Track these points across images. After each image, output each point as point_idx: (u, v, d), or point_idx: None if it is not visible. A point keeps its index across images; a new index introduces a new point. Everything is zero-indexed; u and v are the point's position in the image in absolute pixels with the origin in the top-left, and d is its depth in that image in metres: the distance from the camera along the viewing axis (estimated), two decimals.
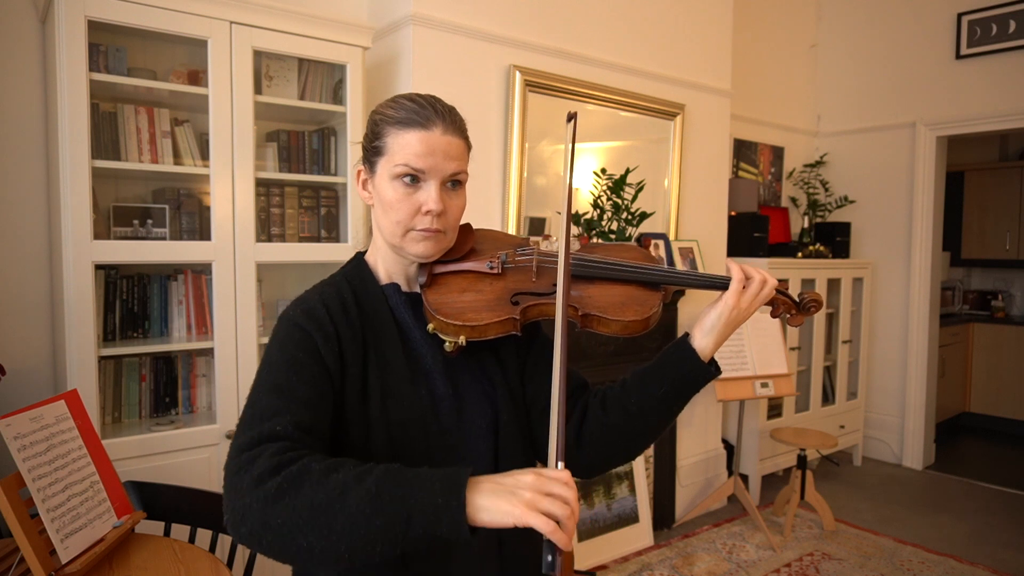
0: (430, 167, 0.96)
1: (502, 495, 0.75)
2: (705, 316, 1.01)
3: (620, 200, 3.04)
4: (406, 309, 1.04)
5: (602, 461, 1.07)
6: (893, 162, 4.55)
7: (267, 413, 0.85)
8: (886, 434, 4.60)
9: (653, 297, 1.03)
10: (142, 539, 1.53)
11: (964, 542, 3.33)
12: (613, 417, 1.03)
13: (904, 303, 4.52)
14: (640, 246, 1.13)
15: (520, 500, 0.74)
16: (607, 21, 3.14)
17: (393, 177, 0.97)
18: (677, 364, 1.01)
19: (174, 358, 2.22)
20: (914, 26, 4.43)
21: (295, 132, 2.42)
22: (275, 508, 0.76)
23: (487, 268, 1.04)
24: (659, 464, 3.38)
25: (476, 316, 0.98)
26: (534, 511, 0.73)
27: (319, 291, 1.01)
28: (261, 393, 0.89)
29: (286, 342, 0.94)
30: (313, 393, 0.89)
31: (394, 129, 0.97)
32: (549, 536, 0.73)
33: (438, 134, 0.97)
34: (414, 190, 0.97)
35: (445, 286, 1.02)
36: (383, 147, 0.98)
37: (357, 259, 1.09)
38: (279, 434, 0.83)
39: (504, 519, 0.74)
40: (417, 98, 1.00)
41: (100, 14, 1.87)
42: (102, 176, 2.12)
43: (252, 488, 0.77)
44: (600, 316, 1.00)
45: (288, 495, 0.76)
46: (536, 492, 0.75)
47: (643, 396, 1.01)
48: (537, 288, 1.03)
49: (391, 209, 0.98)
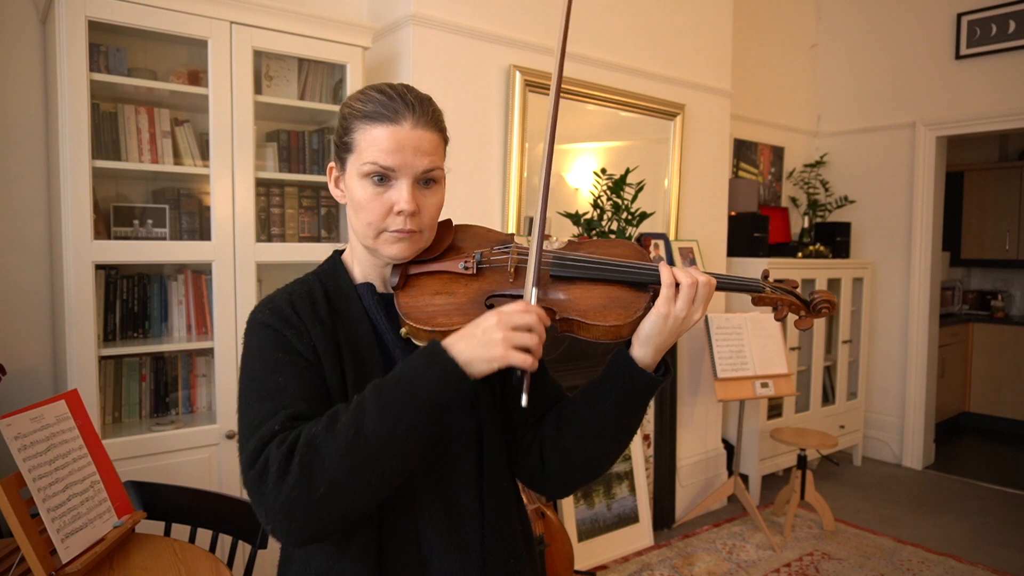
0: (399, 164, 0.90)
1: (479, 347, 0.80)
2: (640, 326, 0.92)
3: (620, 200, 3.04)
4: (379, 311, 0.98)
5: (569, 483, 1.02)
6: (893, 162, 4.55)
7: (259, 420, 0.85)
8: (886, 434, 4.60)
9: (639, 299, 0.94)
10: (142, 539, 1.53)
11: (964, 542, 3.33)
12: (566, 438, 0.98)
13: (904, 303, 4.52)
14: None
15: (496, 344, 0.80)
16: (607, 21, 3.14)
17: (362, 176, 0.92)
18: (618, 377, 0.94)
19: (174, 358, 2.22)
20: (914, 26, 4.43)
21: (295, 132, 2.42)
22: (312, 483, 0.77)
23: (461, 269, 0.98)
24: (659, 464, 3.38)
25: (447, 321, 0.91)
26: (511, 350, 0.79)
27: (288, 290, 0.97)
28: (251, 402, 0.87)
29: (262, 346, 0.91)
30: (302, 385, 0.88)
31: (362, 124, 0.92)
32: (528, 368, 0.80)
33: (407, 128, 0.90)
34: (384, 189, 0.91)
35: (418, 288, 0.96)
36: (352, 143, 0.93)
37: (333, 258, 1.05)
38: (276, 431, 0.82)
39: (489, 366, 0.80)
40: (386, 89, 0.93)
41: (100, 14, 1.87)
42: (102, 176, 2.12)
43: (279, 482, 0.77)
44: (580, 321, 0.92)
45: (315, 465, 0.77)
46: (506, 330, 0.80)
47: (592, 412, 0.96)
48: (514, 289, 0.96)
49: (361, 210, 0.93)
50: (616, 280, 0.96)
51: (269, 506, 0.78)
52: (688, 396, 3.58)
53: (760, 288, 0.99)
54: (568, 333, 0.95)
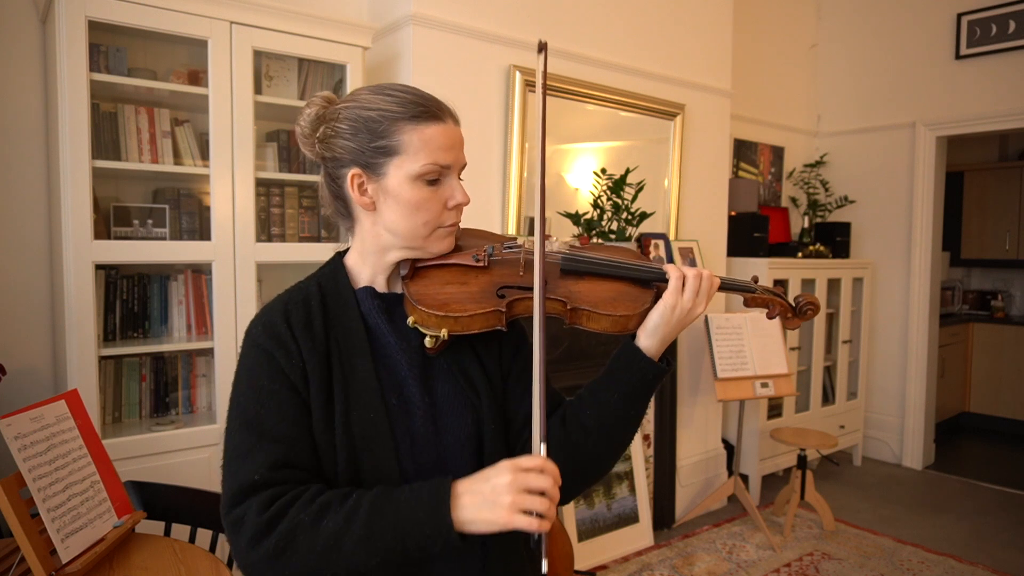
0: (455, 161, 0.94)
1: (484, 507, 0.78)
2: (648, 317, 0.96)
3: (620, 200, 3.04)
4: (380, 314, 0.97)
5: (573, 484, 1.00)
6: (893, 162, 4.55)
7: (241, 452, 0.87)
8: (886, 434, 4.60)
9: (645, 295, 0.99)
10: (142, 539, 1.53)
11: (964, 542, 3.33)
12: (574, 436, 0.97)
13: (904, 303, 4.52)
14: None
15: (502, 508, 0.77)
16: (607, 21, 3.14)
17: (416, 177, 0.91)
18: (626, 367, 0.96)
19: (174, 358, 2.22)
20: (914, 26, 4.43)
21: (295, 132, 2.42)
22: (280, 564, 0.80)
23: (473, 261, 0.99)
24: (659, 464, 3.38)
25: (460, 307, 0.93)
26: (516, 514, 0.76)
27: (285, 299, 0.97)
28: (235, 427, 0.90)
29: (252, 369, 0.91)
30: (284, 423, 0.88)
31: (408, 124, 0.91)
32: (534, 532, 0.77)
33: (452, 125, 0.95)
34: (437, 187, 0.93)
35: (428, 279, 0.98)
36: (397, 145, 0.91)
37: (335, 260, 1.03)
38: (257, 484, 0.84)
39: (490, 528, 0.78)
40: (411, 89, 0.94)
41: (100, 14, 1.87)
42: (102, 176, 2.12)
43: (250, 549, 0.81)
44: (590, 311, 0.95)
45: (287, 552, 0.80)
46: (516, 494, 0.77)
47: (598, 406, 0.97)
48: (524, 282, 0.98)
49: (418, 210, 0.92)
50: (623, 276, 1.01)
51: (238, 555, 0.83)
52: (688, 396, 3.58)
53: (753, 289, 1.06)
54: (576, 325, 0.97)
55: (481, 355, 1.02)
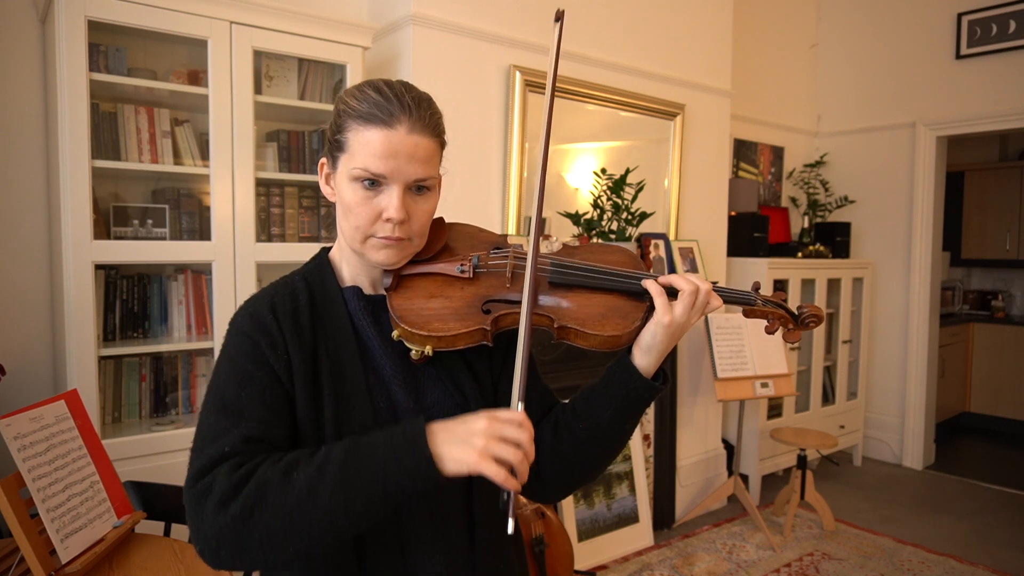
0: (391, 171, 0.87)
1: (456, 444, 0.76)
2: (641, 336, 0.93)
3: (620, 200, 3.04)
4: (365, 316, 0.95)
5: (563, 487, 1.01)
6: (893, 162, 4.55)
7: (214, 434, 0.83)
8: (886, 434, 4.60)
9: (637, 309, 0.93)
10: (142, 539, 1.53)
11: (964, 542, 3.33)
12: (565, 445, 0.96)
13: (904, 303, 4.52)
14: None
15: (473, 449, 0.75)
16: (607, 21, 3.13)
17: (352, 179, 0.88)
18: (621, 384, 0.93)
19: (174, 358, 2.22)
20: (914, 26, 4.43)
21: (295, 132, 2.42)
22: (248, 527, 0.75)
23: (457, 272, 0.95)
24: (659, 464, 3.38)
25: (443, 326, 0.90)
26: (487, 459, 0.74)
27: (271, 292, 0.94)
28: (210, 412, 0.86)
29: (235, 355, 0.89)
30: (262, 407, 0.85)
31: (355, 123, 0.88)
32: (501, 484, 0.74)
33: (402, 133, 0.87)
34: (375, 193, 0.88)
35: (412, 290, 0.94)
36: (344, 143, 0.89)
37: (320, 257, 1.01)
38: (227, 454, 0.81)
39: (459, 468, 0.75)
40: (384, 88, 0.89)
41: (100, 14, 1.87)
42: (102, 176, 2.12)
43: (217, 513, 0.76)
44: (578, 329, 0.91)
45: (256, 511, 0.75)
46: (489, 438, 0.76)
47: (591, 420, 0.95)
48: (511, 295, 0.93)
49: (350, 212, 0.90)
50: (614, 289, 0.95)
51: (202, 529, 0.77)
52: (688, 396, 3.58)
53: (753, 301, 1.01)
54: (565, 341, 0.94)
55: (471, 360, 1.01)
